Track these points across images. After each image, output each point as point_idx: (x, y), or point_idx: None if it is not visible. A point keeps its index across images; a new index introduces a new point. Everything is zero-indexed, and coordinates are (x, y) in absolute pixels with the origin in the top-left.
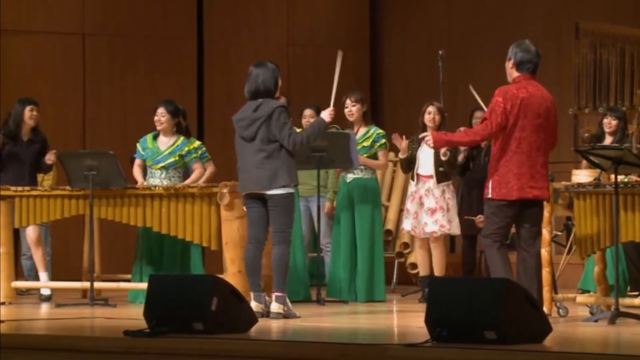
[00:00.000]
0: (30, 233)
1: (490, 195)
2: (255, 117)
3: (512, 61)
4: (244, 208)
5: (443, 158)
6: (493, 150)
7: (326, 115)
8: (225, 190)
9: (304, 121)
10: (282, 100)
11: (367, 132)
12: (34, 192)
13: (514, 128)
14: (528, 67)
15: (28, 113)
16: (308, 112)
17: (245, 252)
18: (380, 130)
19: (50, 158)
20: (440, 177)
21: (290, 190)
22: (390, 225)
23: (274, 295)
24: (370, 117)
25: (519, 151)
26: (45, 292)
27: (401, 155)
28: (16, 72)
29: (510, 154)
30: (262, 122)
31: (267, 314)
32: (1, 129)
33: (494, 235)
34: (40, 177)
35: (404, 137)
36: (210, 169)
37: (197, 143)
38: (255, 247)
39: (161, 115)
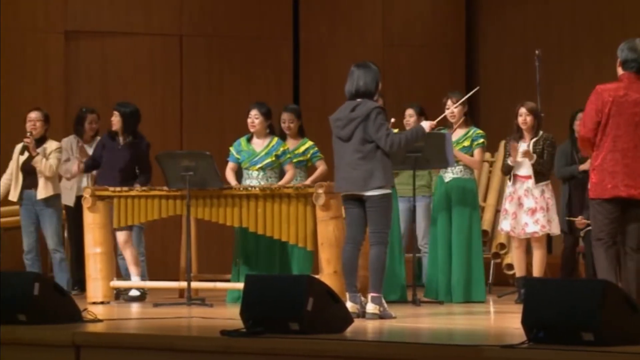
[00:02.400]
0: (119, 236)
1: (589, 195)
2: (352, 117)
3: (618, 59)
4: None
5: (518, 160)
6: (594, 150)
7: (427, 125)
8: (320, 191)
9: (404, 120)
10: (379, 102)
11: (467, 132)
12: (132, 193)
13: (608, 126)
14: (632, 66)
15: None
16: (409, 111)
17: (343, 252)
18: (480, 131)
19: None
20: (539, 177)
21: (387, 191)
22: (486, 226)
23: (369, 296)
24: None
25: (613, 149)
26: (134, 293)
27: (511, 162)
28: (116, 73)
29: (605, 153)
30: (359, 122)
31: (362, 314)
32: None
33: (600, 235)
34: None
35: (518, 145)
36: (321, 167)
37: (310, 143)
38: (352, 248)
39: (254, 117)
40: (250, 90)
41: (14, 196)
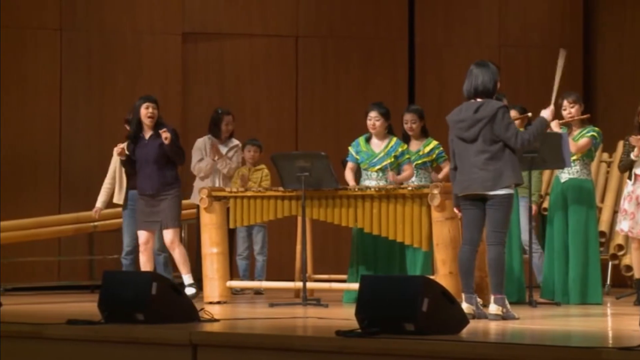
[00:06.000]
0: (165, 234)
1: None
2: (477, 118)
3: None
4: (455, 209)
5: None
6: None
7: (547, 113)
8: (436, 192)
9: None
10: (504, 101)
11: (582, 131)
12: (248, 193)
13: None
14: None
15: (144, 111)
16: (512, 113)
17: (460, 253)
18: (596, 128)
19: (164, 136)
20: None
21: (512, 190)
22: (603, 227)
23: (492, 297)
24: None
25: None
26: (190, 290)
27: (634, 157)
28: (233, 74)
29: None
30: (485, 123)
31: (478, 315)
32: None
33: None
34: (257, 177)
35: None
36: (446, 169)
37: (435, 143)
38: (470, 249)
39: (375, 119)
40: (365, 91)
41: (119, 199)
